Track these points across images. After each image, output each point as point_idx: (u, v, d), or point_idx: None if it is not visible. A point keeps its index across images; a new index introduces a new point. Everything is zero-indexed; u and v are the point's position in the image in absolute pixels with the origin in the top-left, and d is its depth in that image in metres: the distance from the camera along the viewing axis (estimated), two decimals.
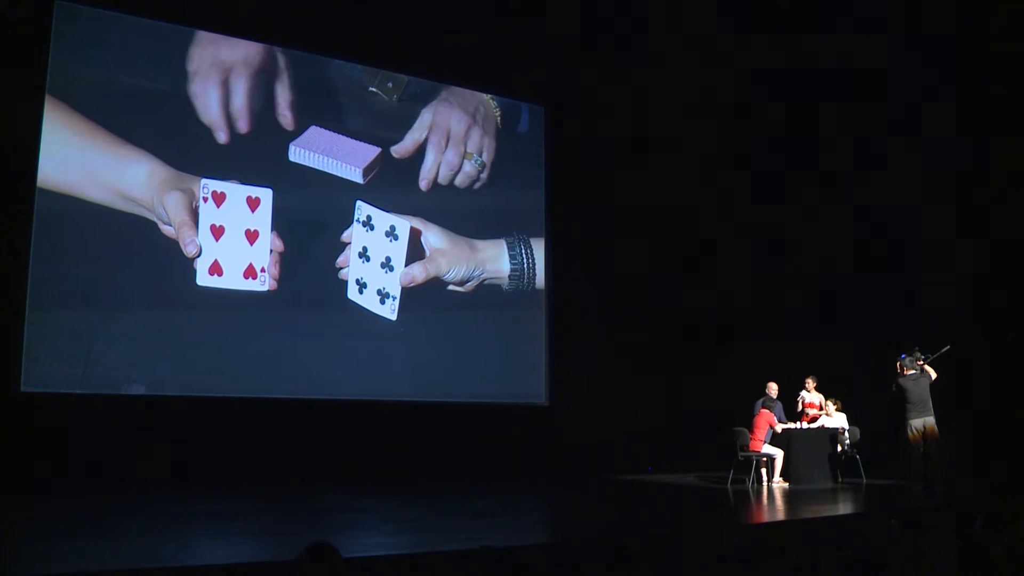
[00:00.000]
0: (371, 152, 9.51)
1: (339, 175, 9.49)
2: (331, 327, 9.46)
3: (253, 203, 9.11)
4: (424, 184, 9.52)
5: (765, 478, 9.53)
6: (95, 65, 8.62)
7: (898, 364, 8.82)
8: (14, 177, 8.12)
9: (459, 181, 9.65)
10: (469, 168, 9.55)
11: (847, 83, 11.02)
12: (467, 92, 10.22)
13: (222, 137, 9.05)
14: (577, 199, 11.35)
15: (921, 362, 8.72)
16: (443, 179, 9.63)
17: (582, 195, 11.39)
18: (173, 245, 8.71)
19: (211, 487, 8.11)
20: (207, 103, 8.99)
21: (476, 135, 9.75)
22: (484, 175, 9.76)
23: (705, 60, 11.25)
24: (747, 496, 8.53)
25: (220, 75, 9.02)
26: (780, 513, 7.45)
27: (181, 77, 9.00)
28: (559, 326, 11.05)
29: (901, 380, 8.71)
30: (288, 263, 9.25)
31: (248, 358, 9.01)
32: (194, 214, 8.78)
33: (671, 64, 11.21)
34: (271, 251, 9.12)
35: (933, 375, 8.66)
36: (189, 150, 8.93)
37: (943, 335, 8.92)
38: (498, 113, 10.17)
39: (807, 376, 10.43)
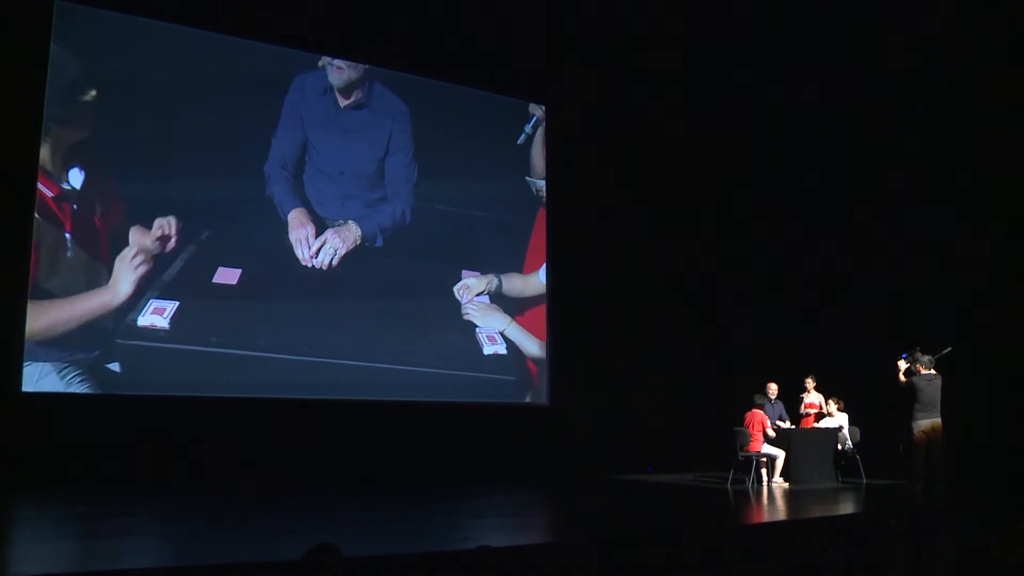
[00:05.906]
0: None
1: None
2: (330, 327, 9.46)
3: None
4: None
5: (765, 478, 9.53)
6: (95, 65, 8.62)
7: (900, 362, 8.71)
8: (14, 177, 8.12)
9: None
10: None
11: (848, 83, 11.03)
12: None
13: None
14: (577, 199, 11.35)
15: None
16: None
17: (582, 195, 11.38)
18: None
19: (211, 487, 8.12)
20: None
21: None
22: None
23: (705, 58, 11.25)
24: (747, 496, 8.53)
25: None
26: (780, 513, 7.45)
27: (191, 86, 9.13)
28: (559, 326, 11.05)
29: (916, 379, 8.42)
30: (291, 265, 9.28)
31: (247, 358, 9.00)
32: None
33: (671, 63, 11.20)
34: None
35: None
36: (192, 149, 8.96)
37: (943, 335, 8.91)
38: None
39: (807, 376, 10.42)
